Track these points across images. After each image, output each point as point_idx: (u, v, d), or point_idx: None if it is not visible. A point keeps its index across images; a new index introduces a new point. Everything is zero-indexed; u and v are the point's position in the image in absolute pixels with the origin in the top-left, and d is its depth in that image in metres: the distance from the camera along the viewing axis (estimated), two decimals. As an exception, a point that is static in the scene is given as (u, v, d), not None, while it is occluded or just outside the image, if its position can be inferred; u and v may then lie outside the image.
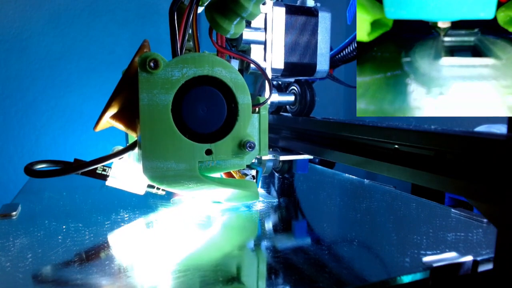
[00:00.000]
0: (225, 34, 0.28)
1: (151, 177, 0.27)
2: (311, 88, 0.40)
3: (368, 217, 0.34)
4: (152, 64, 0.25)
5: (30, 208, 0.36)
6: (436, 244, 0.27)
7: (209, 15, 0.27)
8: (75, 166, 0.29)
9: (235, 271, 0.23)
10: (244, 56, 0.31)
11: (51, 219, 0.32)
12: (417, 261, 0.24)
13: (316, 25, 0.37)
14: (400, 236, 0.29)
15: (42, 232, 0.29)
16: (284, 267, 0.24)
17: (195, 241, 0.28)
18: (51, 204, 0.37)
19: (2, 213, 0.32)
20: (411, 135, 0.25)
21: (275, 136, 0.44)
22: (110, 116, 0.29)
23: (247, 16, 0.27)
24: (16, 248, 0.26)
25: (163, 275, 0.22)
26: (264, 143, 0.31)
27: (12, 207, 0.34)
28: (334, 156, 0.33)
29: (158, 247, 0.27)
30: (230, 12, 0.27)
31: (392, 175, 0.26)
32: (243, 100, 0.28)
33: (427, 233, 0.30)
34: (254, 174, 0.36)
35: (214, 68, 0.27)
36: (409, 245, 0.27)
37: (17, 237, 0.27)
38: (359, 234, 0.30)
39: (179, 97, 0.27)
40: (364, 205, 0.38)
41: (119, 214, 0.33)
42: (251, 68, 0.36)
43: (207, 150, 0.28)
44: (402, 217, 0.35)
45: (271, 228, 0.31)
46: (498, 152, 0.19)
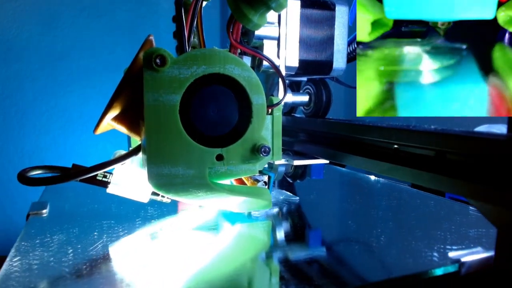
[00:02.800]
0: (248, 25, 0.26)
1: (156, 185, 0.24)
2: (327, 88, 0.37)
3: (389, 214, 0.35)
4: (158, 60, 0.23)
5: (59, 206, 0.37)
6: (460, 239, 0.28)
7: (233, 4, 0.25)
8: (73, 173, 0.27)
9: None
10: (258, 52, 0.29)
11: (83, 217, 0.33)
12: (444, 256, 0.25)
13: (333, 20, 0.34)
14: (425, 232, 0.30)
15: (77, 229, 0.30)
16: (321, 262, 0.25)
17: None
18: (79, 202, 0.38)
19: (34, 211, 0.33)
20: (411, 135, 0.25)
21: (288, 139, 0.42)
22: (111, 118, 0.27)
23: (276, 6, 0.25)
24: (55, 244, 0.27)
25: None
26: (277, 147, 0.29)
27: (41, 205, 0.35)
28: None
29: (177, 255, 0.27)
30: (258, 1, 0.24)
31: (392, 175, 0.27)
32: (257, 100, 0.26)
33: (450, 229, 0.30)
34: (266, 180, 0.34)
35: (226, 65, 0.25)
36: (434, 240, 0.28)
37: (54, 234, 0.28)
38: (385, 230, 0.31)
39: (187, 97, 0.24)
40: (384, 203, 0.39)
41: (148, 211, 0.34)
42: (263, 66, 0.33)
43: (217, 155, 0.25)
44: (423, 214, 0.36)
45: (297, 227, 0.32)
46: (498, 152, 0.20)
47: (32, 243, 0.27)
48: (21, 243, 0.26)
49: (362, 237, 0.30)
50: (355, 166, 0.31)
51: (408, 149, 0.26)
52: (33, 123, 1.08)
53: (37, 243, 0.27)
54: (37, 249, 0.26)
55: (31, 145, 1.08)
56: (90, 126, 1.10)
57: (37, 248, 0.26)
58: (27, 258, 0.24)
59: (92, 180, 0.30)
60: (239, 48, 0.27)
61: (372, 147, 0.30)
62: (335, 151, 0.34)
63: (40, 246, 0.26)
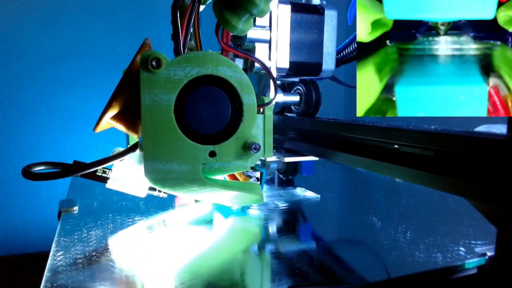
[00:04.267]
0: (233, 31, 0.27)
1: (153, 179, 0.26)
2: (316, 88, 0.39)
3: (411, 211, 0.36)
4: (154, 63, 0.24)
5: (87, 203, 0.37)
6: (484, 234, 0.28)
7: (217, 11, 0.27)
8: (74, 169, 0.28)
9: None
10: (249, 55, 0.30)
11: (113, 213, 0.34)
12: (471, 250, 0.25)
13: (322, 24, 0.36)
14: (448, 228, 0.31)
15: (111, 225, 0.31)
16: (356, 254, 0.26)
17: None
18: (106, 200, 0.39)
19: (66, 208, 0.34)
20: (411, 135, 0.25)
21: (279, 137, 0.43)
22: (110, 117, 0.28)
23: (257, 13, 0.26)
24: (93, 239, 0.28)
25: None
26: (268, 145, 0.30)
27: (71, 202, 0.36)
28: (340, 158, 0.33)
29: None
30: (240, 8, 0.26)
31: (392, 175, 0.27)
32: (248, 100, 0.27)
33: (472, 225, 0.30)
34: (258, 176, 0.35)
35: (218, 67, 0.26)
36: (459, 236, 0.28)
37: (90, 230, 0.29)
38: (409, 226, 0.31)
39: (182, 97, 0.26)
40: (404, 201, 0.39)
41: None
42: (255, 67, 0.35)
43: (210, 151, 0.27)
44: (443, 211, 0.36)
45: (334, 220, 0.34)
46: (498, 152, 0.19)
47: (71, 238, 0.28)
48: (60, 239, 0.27)
49: (387, 233, 0.30)
50: (346, 163, 0.32)
51: (408, 149, 0.26)
52: (33, 123, 1.08)
53: (75, 239, 0.28)
54: (77, 244, 0.27)
55: (31, 145, 1.08)
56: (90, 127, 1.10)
57: (76, 243, 0.27)
58: (70, 252, 0.25)
59: (92, 176, 0.31)
60: (229, 51, 0.29)
61: (372, 147, 0.30)
62: (324, 148, 0.35)
63: (78, 241, 0.27)
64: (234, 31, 0.27)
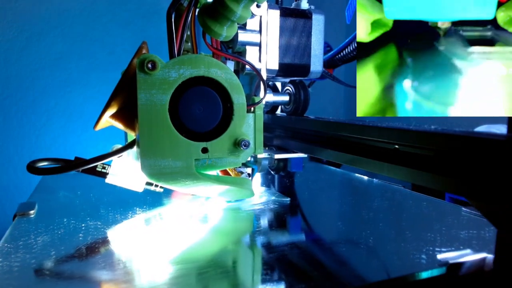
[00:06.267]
0: (217, 37, 0.29)
1: (149, 174, 0.28)
2: (305, 89, 0.41)
3: (381, 215, 0.35)
4: (150, 65, 0.26)
5: (47, 206, 0.36)
6: (450, 241, 0.27)
7: (201, 20, 0.28)
8: (76, 164, 0.30)
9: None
10: (238, 57, 0.32)
11: (69, 218, 0.32)
12: (433, 258, 0.24)
13: (310, 27, 0.38)
14: (414, 233, 0.30)
15: (62, 230, 0.29)
16: (308, 264, 0.24)
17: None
18: (67, 203, 0.38)
19: (21, 212, 0.33)
20: (411, 135, 0.25)
21: (270, 135, 0.45)
22: (109, 116, 0.30)
23: (237, 19, 0.28)
24: (38, 245, 0.26)
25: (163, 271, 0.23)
26: (259, 142, 0.32)
27: (29, 205, 0.35)
28: (326, 155, 0.34)
29: (167, 243, 0.28)
30: (221, 16, 0.27)
31: (392, 175, 0.26)
32: (238, 100, 0.29)
33: (440, 231, 0.30)
34: (249, 172, 0.37)
35: (210, 69, 0.28)
36: (424, 242, 0.27)
37: (38, 235, 0.28)
38: (374, 232, 0.30)
39: (176, 97, 0.27)
40: (376, 204, 0.38)
41: (135, 212, 0.34)
42: (246, 69, 0.37)
43: (203, 148, 0.29)
44: (414, 216, 0.35)
45: (299, 226, 0.32)
46: (498, 152, 0.19)
47: (15, 244, 0.26)
48: (5, 245, 0.26)
49: (350, 239, 0.29)
50: (346, 163, 0.32)
51: (408, 149, 0.26)
52: (33, 123, 1.08)
53: (20, 245, 0.26)
54: (19, 251, 0.25)
55: (31, 145, 1.08)
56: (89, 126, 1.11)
57: (19, 250, 0.25)
58: (8, 260, 0.23)
59: (92, 171, 0.33)
60: (219, 54, 0.31)
61: (372, 147, 0.30)
62: (311, 146, 0.37)
63: (23, 247, 0.26)
64: (219, 38, 0.29)
